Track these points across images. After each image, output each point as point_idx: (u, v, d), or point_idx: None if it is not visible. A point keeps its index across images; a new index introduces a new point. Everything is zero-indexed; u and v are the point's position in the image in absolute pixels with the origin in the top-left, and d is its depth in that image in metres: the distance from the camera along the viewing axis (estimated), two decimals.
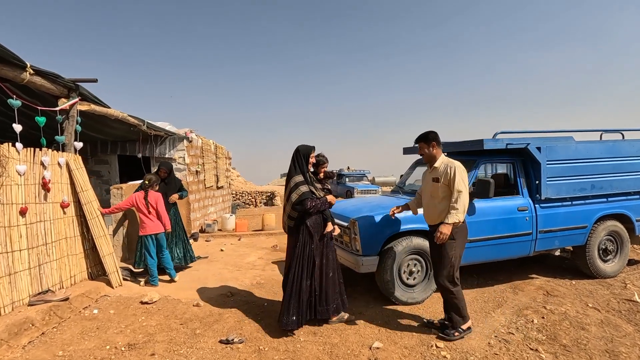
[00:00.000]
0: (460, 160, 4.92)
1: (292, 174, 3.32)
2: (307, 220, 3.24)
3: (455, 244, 3.20)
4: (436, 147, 3.32)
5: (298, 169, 3.32)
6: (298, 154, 3.36)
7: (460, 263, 3.29)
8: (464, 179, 3.17)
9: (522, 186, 4.52)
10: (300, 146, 3.40)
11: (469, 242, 4.13)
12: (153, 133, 6.83)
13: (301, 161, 3.33)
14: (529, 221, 4.41)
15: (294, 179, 3.27)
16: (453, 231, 3.15)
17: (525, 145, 4.36)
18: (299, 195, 3.19)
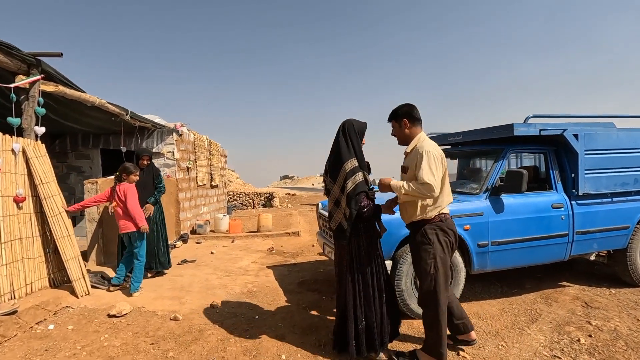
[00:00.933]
0: (486, 151, 4.38)
1: (343, 155, 2.50)
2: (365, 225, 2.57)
3: (432, 248, 2.49)
4: (409, 125, 2.59)
5: (352, 150, 2.53)
6: (351, 130, 2.58)
7: (448, 277, 2.57)
8: (434, 168, 2.39)
9: (555, 180, 3.89)
10: (353, 121, 2.63)
11: (497, 245, 3.51)
12: (138, 124, 6.21)
13: (356, 140, 2.58)
14: (564, 220, 3.78)
15: (349, 163, 2.48)
16: (428, 230, 2.50)
17: (562, 132, 3.74)
18: (355, 185, 2.44)
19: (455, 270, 3.47)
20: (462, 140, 4.30)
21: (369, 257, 2.57)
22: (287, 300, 3.88)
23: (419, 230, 2.55)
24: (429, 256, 2.49)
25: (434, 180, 2.34)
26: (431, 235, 2.50)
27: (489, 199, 3.59)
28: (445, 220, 2.54)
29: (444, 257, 2.50)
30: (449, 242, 2.53)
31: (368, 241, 2.58)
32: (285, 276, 4.73)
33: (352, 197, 2.44)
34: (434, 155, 2.41)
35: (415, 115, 2.60)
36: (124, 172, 4.08)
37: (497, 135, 3.78)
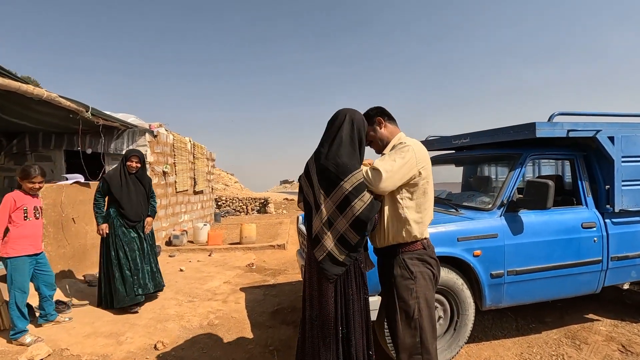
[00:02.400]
0: (500, 156, 3.61)
1: (350, 162, 1.78)
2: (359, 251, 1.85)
3: (415, 285, 1.83)
4: (385, 123, 2.03)
5: (358, 154, 1.86)
6: (362, 129, 1.90)
7: (435, 324, 1.90)
8: (400, 160, 1.81)
9: (585, 193, 3.16)
10: (357, 113, 1.92)
11: (515, 275, 2.77)
12: (102, 123, 5.50)
13: (362, 141, 1.90)
14: (597, 243, 3.05)
15: (357, 175, 1.76)
16: (408, 261, 1.86)
17: (594, 134, 3.02)
18: (365, 206, 1.72)
19: (462, 307, 2.73)
20: (470, 144, 3.58)
21: (359, 302, 1.85)
22: (252, 338, 3.14)
23: (396, 260, 1.90)
24: (410, 295, 1.83)
25: (387, 169, 1.76)
26: (413, 266, 1.85)
27: (505, 217, 2.86)
28: (428, 247, 1.92)
29: (430, 295, 1.86)
30: (432, 275, 1.90)
31: (359, 280, 1.86)
32: (259, 302, 3.99)
33: (362, 222, 1.72)
34: (410, 149, 1.84)
35: (389, 113, 2.04)
36: (19, 176, 3.13)
37: (514, 137, 3.05)
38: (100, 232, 3.67)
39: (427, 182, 1.87)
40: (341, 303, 1.81)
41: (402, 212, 1.86)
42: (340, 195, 1.74)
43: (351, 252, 1.79)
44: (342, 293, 1.81)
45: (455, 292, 2.70)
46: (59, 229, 4.35)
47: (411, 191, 1.85)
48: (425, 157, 1.88)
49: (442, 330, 2.75)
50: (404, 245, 1.88)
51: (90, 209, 4.95)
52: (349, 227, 1.74)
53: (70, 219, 4.55)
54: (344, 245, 1.77)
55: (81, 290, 4.15)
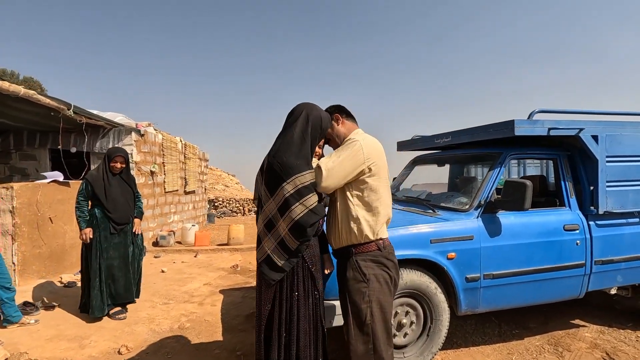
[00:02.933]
0: (479, 156, 3.48)
1: (297, 162, 1.69)
2: (306, 252, 1.75)
3: (368, 288, 1.73)
4: (342, 120, 1.93)
5: (307, 154, 1.75)
6: (318, 126, 1.78)
7: (390, 329, 1.79)
8: (345, 156, 1.73)
9: (568, 194, 3.04)
10: (321, 112, 1.83)
11: (492, 279, 2.65)
12: (85, 121, 5.42)
13: (316, 140, 1.79)
14: (580, 246, 2.92)
15: (305, 176, 1.67)
16: (360, 263, 1.76)
17: (577, 132, 2.90)
18: (307, 210, 1.64)
19: (435, 312, 2.62)
20: (451, 143, 3.46)
21: (306, 307, 1.75)
22: (222, 342, 3.03)
23: (349, 262, 1.80)
24: (362, 299, 1.73)
25: (329, 167, 1.69)
26: (366, 268, 1.75)
27: (482, 218, 2.74)
28: (384, 248, 1.79)
29: (384, 299, 1.75)
30: (389, 278, 1.78)
31: (308, 283, 1.76)
32: (236, 305, 3.88)
33: (301, 227, 1.65)
34: (356, 145, 1.75)
35: (347, 110, 1.95)
36: None
37: (494, 135, 2.94)
38: (83, 237, 3.38)
39: (378, 179, 1.77)
40: (286, 307, 1.71)
41: (352, 211, 1.76)
42: (281, 197, 1.66)
43: (291, 258, 1.70)
44: (287, 297, 1.71)
45: (428, 296, 2.59)
46: (34, 228, 4.26)
47: (361, 188, 1.75)
48: (377, 153, 1.78)
49: (414, 336, 2.64)
50: (357, 246, 1.78)
51: (70, 208, 4.89)
52: (288, 231, 1.66)
53: (47, 218, 4.47)
54: (284, 249, 1.69)
55: (55, 292, 4.05)
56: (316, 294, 1.78)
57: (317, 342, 1.79)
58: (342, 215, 1.80)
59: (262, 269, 1.73)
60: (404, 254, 2.49)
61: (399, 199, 3.62)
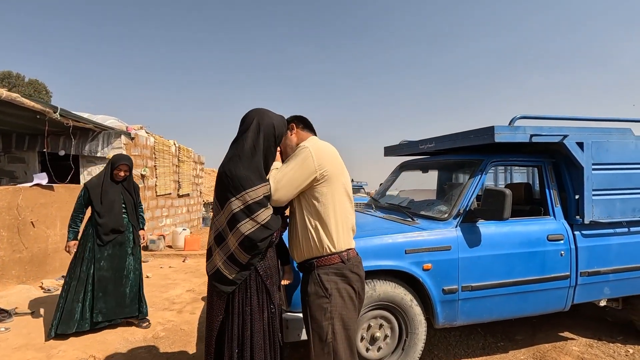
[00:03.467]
0: (461, 162, 3.42)
1: (239, 172, 1.60)
2: (260, 265, 1.67)
3: (330, 304, 1.64)
4: (297, 130, 1.87)
5: (260, 166, 1.65)
6: (271, 133, 1.69)
7: (353, 347, 1.69)
8: (293, 165, 1.66)
9: (553, 202, 2.94)
10: (273, 117, 1.73)
11: (470, 291, 2.56)
12: (72, 124, 5.38)
13: (274, 149, 1.73)
14: (565, 257, 2.82)
15: (258, 190, 1.59)
16: (322, 276, 1.66)
17: (561, 139, 2.80)
18: (258, 227, 1.58)
19: (411, 325, 2.52)
20: (435, 149, 3.38)
21: (261, 321, 1.67)
22: (194, 353, 2.95)
23: (311, 275, 1.71)
24: (324, 315, 1.64)
25: (278, 178, 1.64)
26: (328, 282, 1.66)
27: (461, 227, 2.65)
28: (347, 261, 1.70)
29: (348, 316, 1.66)
30: (354, 292, 1.69)
31: (262, 296, 1.68)
32: None
33: (252, 242, 1.58)
34: (305, 151, 1.67)
35: (306, 121, 1.88)
36: None
37: (474, 142, 2.85)
38: (67, 249, 3.21)
39: (333, 187, 1.68)
40: (238, 322, 1.63)
41: (309, 222, 1.68)
42: (229, 212, 1.60)
43: (242, 271, 1.63)
44: (239, 311, 1.64)
45: (403, 308, 2.49)
46: (15, 233, 4.21)
47: (315, 197, 1.67)
48: (329, 159, 1.69)
49: (389, 350, 2.54)
50: (319, 259, 1.69)
51: (53, 212, 4.84)
52: (238, 245, 1.59)
53: (29, 222, 4.41)
54: (234, 263, 1.62)
55: (33, 298, 3.99)
56: (272, 308, 1.70)
57: (275, 358, 1.72)
58: (301, 226, 1.72)
59: (213, 282, 1.67)
60: (377, 264, 2.41)
61: (381, 206, 3.53)
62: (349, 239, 1.75)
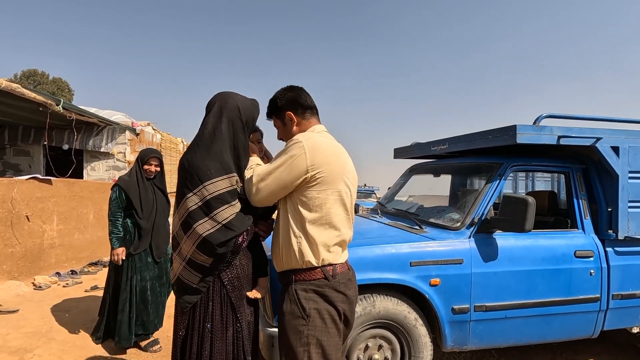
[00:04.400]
0: (477, 166, 3.08)
1: (196, 163, 1.40)
2: (223, 269, 1.44)
3: (307, 327, 1.37)
4: (298, 120, 1.55)
5: (221, 155, 1.42)
6: (235, 117, 1.47)
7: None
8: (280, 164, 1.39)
9: (582, 214, 2.60)
10: (238, 99, 1.51)
11: (484, 311, 2.25)
12: (75, 117, 5.29)
13: (242, 136, 1.48)
14: (594, 277, 2.47)
15: (207, 187, 1.37)
16: (300, 293, 1.39)
17: (593, 142, 2.47)
18: (218, 225, 1.37)
19: (414, 348, 2.22)
20: (449, 150, 3.07)
21: (223, 340, 1.44)
22: None
23: (288, 291, 1.45)
24: (299, 340, 1.37)
25: (262, 176, 1.40)
26: (306, 301, 1.38)
27: (475, 239, 2.34)
28: (332, 277, 1.41)
29: (328, 342, 1.38)
30: (337, 314, 1.41)
31: (226, 312, 1.45)
32: None
33: (210, 245, 1.35)
34: (298, 147, 1.38)
35: (304, 102, 1.55)
36: None
37: (493, 143, 2.54)
38: (114, 258, 2.82)
39: (327, 191, 1.40)
40: (197, 340, 1.41)
41: (292, 228, 1.41)
42: (185, 210, 1.38)
43: (206, 277, 1.40)
44: (199, 328, 1.41)
45: (406, 328, 2.20)
46: (8, 226, 4.09)
47: (304, 201, 1.39)
48: (325, 158, 1.40)
49: None
50: (298, 273, 1.42)
51: (50, 206, 4.72)
52: (195, 248, 1.36)
53: (24, 216, 4.29)
54: (195, 268, 1.39)
55: (22, 295, 3.85)
56: (238, 325, 1.46)
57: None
58: (283, 232, 1.45)
59: (175, 291, 1.46)
60: (378, 277, 2.13)
61: (387, 212, 3.25)
62: (337, 254, 1.46)
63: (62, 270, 4.73)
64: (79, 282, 4.51)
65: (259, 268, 1.58)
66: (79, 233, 5.20)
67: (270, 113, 1.61)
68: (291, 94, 1.55)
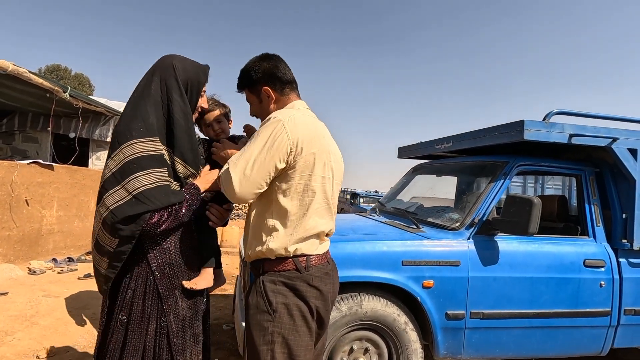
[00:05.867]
0: (481, 165, 2.91)
1: (120, 127, 1.26)
2: (148, 247, 1.27)
3: (272, 324, 1.22)
4: (276, 96, 1.38)
5: (140, 115, 1.24)
6: (169, 77, 1.29)
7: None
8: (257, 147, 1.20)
9: (593, 221, 2.41)
10: (166, 59, 1.33)
11: (481, 319, 2.09)
12: (81, 105, 5.31)
13: (179, 100, 1.29)
14: (605, 289, 2.28)
15: (125, 149, 1.21)
16: (267, 285, 1.25)
17: (608, 143, 2.29)
18: (128, 196, 1.18)
19: (403, 353, 2.07)
20: (453, 149, 2.92)
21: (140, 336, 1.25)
22: None
23: (255, 283, 1.30)
24: (263, 337, 1.22)
25: (240, 167, 1.19)
26: (273, 295, 1.24)
27: (474, 240, 2.18)
28: (305, 270, 1.26)
29: (296, 342, 1.22)
30: (308, 311, 1.25)
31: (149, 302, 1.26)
32: None
33: (114, 219, 1.16)
34: (277, 127, 1.20)
35: (283, 75, 1.36)
36: None
37: (499, 140, 2.38)
38: None
39: (308, 177, 1.24)
40: (111, 334, 1.26)
41: (264, 214, 1.27)
42: (103, 177, 1.23)
43: (114, 262, 1.22)
44: (115, 318, 1.26)
45: (394, 332, 2.05)
46: (6, 209, 4.08)
47: (279, 186, 1.24)
48: (310, 139, 1.24)
49: None
50: (267, 262, 1.27)
51: (50, 192, 4.71)
52: (101, 226, 1.21)
53: (23, 200, 4.29)
54: (99, 251, 1.24)
55: (15, 278, 3.82)
56: (163, 320, 1.27)
57: None
58: (255, 217, 1.31)
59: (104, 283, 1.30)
60: (366, 275, 1.99)
61: (386, 211, 3.10)
62: (314, 245, 1.30)
63: (59, 257, 4.72)
64: (75, 269, 4.48)
65: (205, 256, 1.42)
66: (79, 221, 5.20)
67: (241, 85, 1.41)
68: (267, 65, 1.35)
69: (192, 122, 1.36)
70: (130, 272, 1.26)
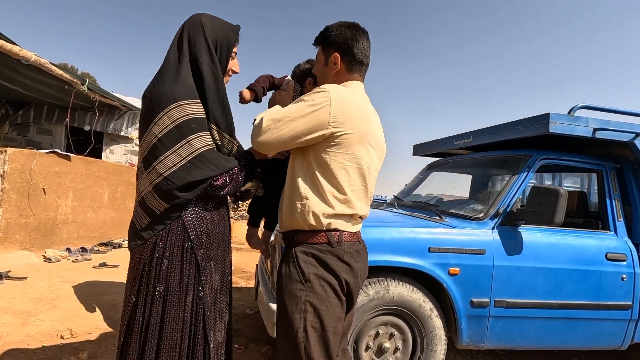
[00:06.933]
0: (503, 159, 2.73)
1: (159, 89, 1.19)
2: (186, 214, 1.22)
3: (305, 293, 1.23)
4: (340, 67, 1.34)
5: (182, 80, 1.20)
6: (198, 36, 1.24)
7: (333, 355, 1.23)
8: (299, 109, 1.22)
9: (615, 215, 2.44)
10: (195, 18, 1.27)
11: (504, 308, 2.11)
12: (98, 99, 5.38)
13: (208, 60, 1.23)
14: (627, 282, 2.31)
15: (172, 112, 1.16)
16: (300, 256, 1.26)
17: (631, 138, 2.32)
18: (182, 160, 1.16)
19: (427, 340, 2.09)
20: (473, 144, 2.95)
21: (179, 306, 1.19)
22: None
23: (288, 253, 1.32)
24: (296, 306, 1.23)
25: (274, 117, 1.20)
26: (306, 265, 1.24)
27: (499, 230, 2.21)
28: (337, 244, 1.26)
29: (328, 313, 1.23)
30: (339, 285, 1.25)
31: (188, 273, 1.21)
32: None
33: (171, 186, 1.15)
34: (324, 96, 1.20)
35: (358, 52, 1.32)
36: None
37: (523, 133, 2.42)
38: None
39: (347, 156, 1.24)
40: (145, 306, 1.18)
41: (301, 184, 1.27)
42: (147, 144, 1.17)
43: (156, 224, 1.19)
44: (151, 291, 1.17)
45: (419, 318, 2.07)
46: (25, 197, 4.13)
47: (319, 162, 1.25)
48: (352, 118, 1.23)
49: None
50: (300, 234, 1.28)
51: (66, 182, 4.76)
52: (152, 189, 1.17)
53: (40, 188, 4.34)
54: (145, 210, 1.21)
55: (31, 265, 3.85)
56: (200, 291, 1.22)
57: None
58: (291, 189, 1.32)
59: (129, 239, 1.27)
60: (393, 260, 2.02)
61: (404, 204, 3.13)
62: (348, 222, 1.30)
63: (72, 247, 4.75)
64: (88, 259, 4.51)
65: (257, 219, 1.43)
66: (92, 212, 5.23)
67: (318, 40, 1.38)
68: (349, 34, 1.31)
69: (222, 84, 1.27)
70: (164, 239, 1.19)
